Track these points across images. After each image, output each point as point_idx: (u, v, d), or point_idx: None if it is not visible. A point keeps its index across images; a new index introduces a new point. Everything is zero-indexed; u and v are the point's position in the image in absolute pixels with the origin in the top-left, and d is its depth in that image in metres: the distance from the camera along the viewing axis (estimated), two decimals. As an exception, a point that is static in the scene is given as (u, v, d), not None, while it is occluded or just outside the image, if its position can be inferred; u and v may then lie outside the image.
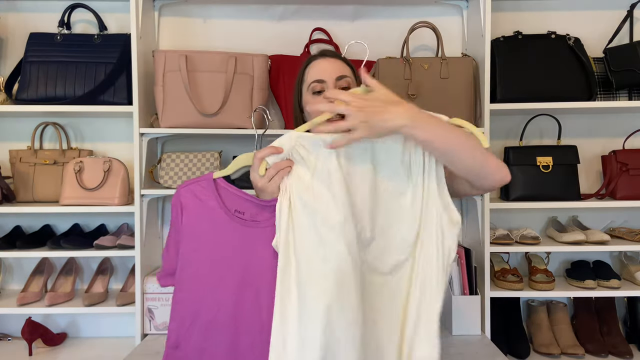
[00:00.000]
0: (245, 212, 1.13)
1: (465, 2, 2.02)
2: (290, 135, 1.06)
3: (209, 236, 1.12)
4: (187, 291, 1.11)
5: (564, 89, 1.85)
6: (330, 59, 1.25)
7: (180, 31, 2.05)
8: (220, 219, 1.13)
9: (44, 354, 1.83)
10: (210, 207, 1.13)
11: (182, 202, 1.14)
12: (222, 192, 1.15)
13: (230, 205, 1.14)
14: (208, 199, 1.14)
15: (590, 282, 1.83)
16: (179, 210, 1.14)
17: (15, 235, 1.94)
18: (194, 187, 1.15)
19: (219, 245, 1.12)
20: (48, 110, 1.82)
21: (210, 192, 1.14)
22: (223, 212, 1.13)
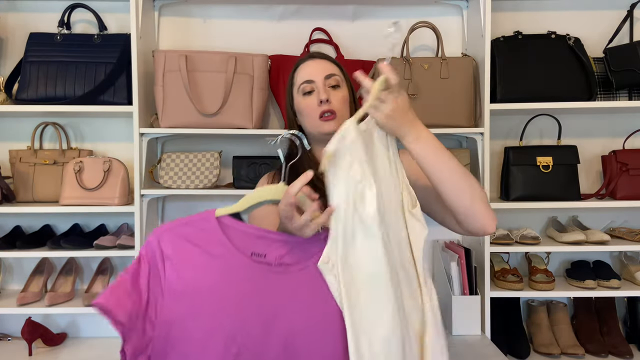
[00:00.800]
0: (268, 254, 0.86)
1: (465, 2, 2.02)
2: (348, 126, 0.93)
3: (214, 293, 0.82)
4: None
5: (564, 89, 1.85)
6: (318, 59, 1.26)
7: (180, 31, 2.05)
8: (233, 267, 0.84)
9: (44, 354, 1.83)
10: (214, 254, 0.84)
11: (165, 251, 0.84)
12: (230, 233, 0.86)
13: (245, 247, 0.86)
14: (210, 245, 0.85)
15: (590, 282, 1.83)
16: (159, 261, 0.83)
17: (15, 235, 1.93)
18: (185, 230, 0.86)
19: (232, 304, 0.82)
20: (48, 110, 1.82)
21: (213, 235, 0.86)
22: (234, 257, 0.84)
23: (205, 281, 0.83)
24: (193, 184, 1.83)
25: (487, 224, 1.00)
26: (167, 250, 0.84)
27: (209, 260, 0.84)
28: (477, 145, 1.84)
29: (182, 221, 0.87)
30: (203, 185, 1.83)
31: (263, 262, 0.86)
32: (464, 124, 1.83)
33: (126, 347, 0.80)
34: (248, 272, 0.85)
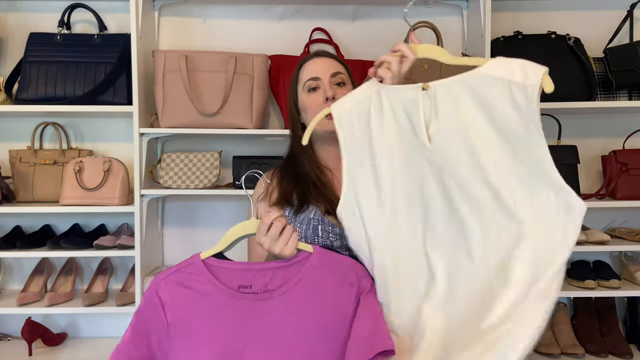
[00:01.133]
0: (253, 284, 0.95)
1: (465, 2, 2.02)
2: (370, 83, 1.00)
3: (209, 329, 0.92)
4: None
5: (564, 89, 1.84)
6: (324, 57, 1.26)
7: (180, 31, 2.05)
8: (221, 302, 0.93)
9: (44, 354, 1.83)
10: (203, 293, 0.94)
11: (163, 298, 0.94)
12: (216, 272, 0.96)
13: (232, 283, 0.95)
14: (200, 285, 0.94)
15: (590, 282, 1.83)
16: (159, 308, 0.93)
17: (15, 235, 1.93)
18: (176, 277, 0.95)
19: (227, 336, 0.92)
20: (48, 110, 1.82)
21: (201, 277, 0.95)
22: (223, 293, 0.93)
23: (200, 318, 0.93)
24: (193, 184, 1.83)
25: None
26: (164, 297, 0.94)
27: (200, 299, 0.94)
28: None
29: (172, 269, 0.97)
30: (203, 185, 1.83)
31: (250, 293, 0.95)
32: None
33: None
34: (236, 304, 0.94)
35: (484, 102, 0.90)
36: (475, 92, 0.91)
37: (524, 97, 0.87)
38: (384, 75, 0.99)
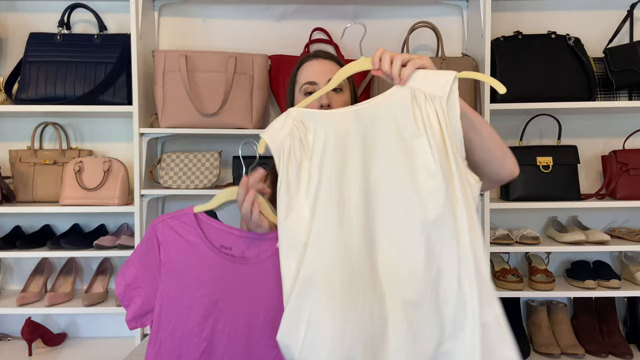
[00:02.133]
0: (233, 248, 1.05)
1: (465, 2, 2.02)
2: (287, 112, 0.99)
3: (192, 274, 1.04)
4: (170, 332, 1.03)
5: (564, 89, 1.85)
6: (323, 60, 1.25)
7: (180, 31, 2.05)
8: (205, 255, 1.04)
9: (44, 354, 1.83)
10: (192, 243, 1.05)
11: (159, 238, 1.05)
12: (204, 227, 1.06)
13: (216, 240, 1.05)
14: (189, 235, 1.05)
15: (591, 282, 1.83)
16: (155, 245, 1.05)
17: (15, 235, 1.93)
18: (171, 222, 1.06)
19: (204, 284, 1.03)
20: (48, 110, 1.82)
21: (191, 228, 1.05)
22: (207, 248, 1.04)
23: (186, 262, 1.04)
24: (193, 184, 1.83)
25: (516, 167, 1.10)
26: (160, 237, 1.06)
27: (188, 246, 1.05)
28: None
29: (169, 215, 1.07)
30: (203, 185, 1.83)
31: (229, 254, 1.04)
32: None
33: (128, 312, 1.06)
34: (218, 261, 1.04)
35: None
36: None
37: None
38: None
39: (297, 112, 0.98)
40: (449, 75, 0.92)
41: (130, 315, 1.06)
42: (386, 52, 0.96)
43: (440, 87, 0.92)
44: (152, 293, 1.05)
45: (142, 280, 1.06)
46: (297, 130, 0.98)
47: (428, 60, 0.95)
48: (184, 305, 1.03)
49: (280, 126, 1.00)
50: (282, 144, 0.99)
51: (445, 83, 0.92)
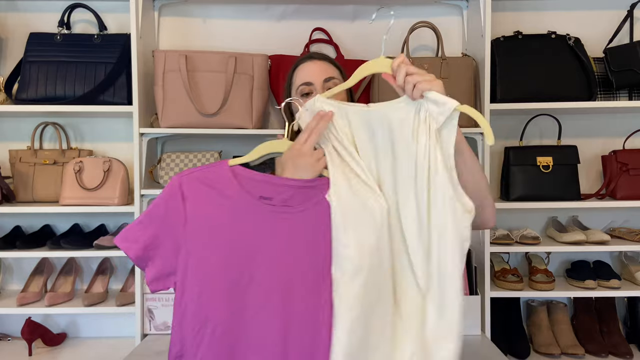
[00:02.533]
0: (274, 197, 0.97)
1: (465, 2, 2.02)
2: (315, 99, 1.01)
3: (225, 229, 0.95)
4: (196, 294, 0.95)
5: (564, 89, 1.84)
6: (318, 61, 1.26)
7: (180, 31, 2.05)
8: (242, 207, 0.96)
9: (44, 354, 1.83)
10: (226, 195, 0.97)
11: (185, 192, 0.97)
12: (241, 179, 0.98)
13: (254, 191, 0.97)
14: (223, 187, 0.97)
15: (591, 282, 1.83)
16: (179, 200, 0.96)
17: (15, 235, 1.93)
18: (200, 174, 0.98)
19: (239, 239, 0.95)
20: (48, 110, 1.82)
21: (225, 179, 0.97)
22: (245, 199, 0.96)
23: (219, 218, 0.96)
24: (193, 184, 1.83)
25: (493, 217, 1.08)
26: (187, 192, 0.97)
27: (221, 200, 0.97)
28: (477, 145, 1.84)
29: (200, 167, 1.00)
30: (203, 185, 1.82)
31: (269, 204, 0.97)
32: (464, 124, 1.77)
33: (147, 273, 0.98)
34: (256, 212, 0.96)
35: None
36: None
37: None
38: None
39: (322, 102, 1.01)
40: (450, 104, 0.94)
41: (150, 276, 0.98)
42: (404, 64, 0.97)
43: (440, 113, 0.94)
44: (172, 253, 0.97)
45: (162, 239, 0.97)
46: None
47: (440, 86, 0.95)
48: (214, 263, 0.95)
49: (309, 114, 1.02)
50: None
51: (444, 110, 0.94)
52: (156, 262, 0.97)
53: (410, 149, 0.96)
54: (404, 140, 0.97)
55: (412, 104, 0.97)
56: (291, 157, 1.00)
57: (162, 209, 0.98)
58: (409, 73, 0.95)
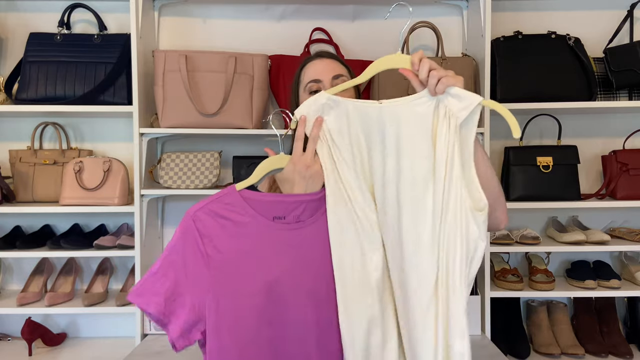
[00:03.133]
0: (287, 216, 0.98)
1: (465, 2, 2.02)
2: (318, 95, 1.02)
3: (248, 257, 0.95)
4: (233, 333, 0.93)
5: (564, 89, 1.84)
6: (326, 59, 1.25)
7: (180, 31, 2.05)
8: (259, 232, 0.96)
9: (44, 354, 1.83)
10: (243, 223, 0.96)
11: (201, 229, 0.94)
12: (252, 203, 0.97)
13: (267, 213, 0.98)
14: (238, 215, 0.96)
15: (591, 282, 1.83)
16: (197, 240, 0.93)
17: (15, 235, 1.93)
18: (213, 207, 0.96)
19: (263, 263, 0.95)
20: (48, 110, 1.82)
21: (237, 207, 0.96)
22: (261, 223, 0.96)
23: (239, 247, 0.95)
24: (193, 184, 1.83)
25: (505, 218, 1.07)
26: (203, 229, 0.95)
27: (239, 229, 0.96)
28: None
29: (209, 199, 0.98)
30: (203, 186, 1.83)
31: (284, 223, 0.98)
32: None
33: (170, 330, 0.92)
34: (274, 234, 0.97)
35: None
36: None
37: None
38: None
39: (327, 99, 1.01)
40: (473, 98, 0.93)
41: (177, 332, 0.91)
42: (426, 60, 0.97)
43: (462, 108, 0.94)
44: (198, 298, 0.92)
45: (184, 287, 0.92)
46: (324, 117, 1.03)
47: (462, 82, 0.95)
48: (244, 293, 0.93)
49: (310, 110, 1.02)
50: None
51: (467, 105, 0.93)
52: (180, 315, 0.91)
53: (428, 145, 0.95)
54: (421, 136, 0.95)
55: (432, 100, 0.96)
56: (297, 171, 1.00)
57: (180, 253, 0.93)
58: (433, 68, 0.95)
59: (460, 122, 0.93)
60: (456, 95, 0.94)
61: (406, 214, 0.96)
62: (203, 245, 0.93)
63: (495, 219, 1.05)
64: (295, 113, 1.03)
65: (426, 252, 0.94)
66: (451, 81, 0.94)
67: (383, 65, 1.03)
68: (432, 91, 0.95)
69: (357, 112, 1.00)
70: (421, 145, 0.96)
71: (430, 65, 0.96)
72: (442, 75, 0.94)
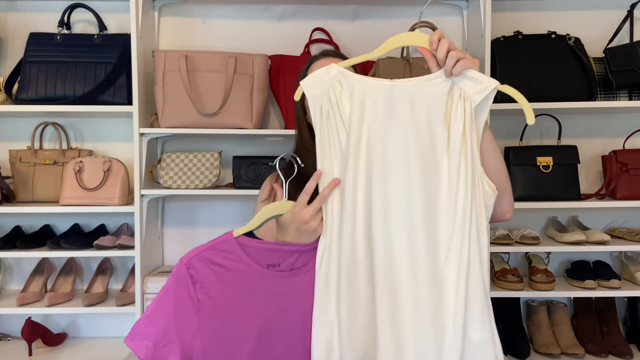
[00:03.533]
0: (282, 263, 0.99)
1: (465, 2, 2.02)
2: (329, 68, 0.99)
3: (240, 305, 0.96)
4: None
5: (564, 89, 1.84)
6: (332, 58, 1.26)
7: (180, 31, 2.05)
8: (253, 280, 0.97)
9: (44, 354, 1.83)
10: (236, 270, 0.97)
11: (194, 276, 0.95)
12: (248, 250, 0.98)
13: (262, 261, 0.99)
14: (232, 263, 0.97)
15: (591, 282, 1.83)
16: (189, 286, 0.95)
17: (15, 235, 1.93)
18: (208, 254, 0.97)
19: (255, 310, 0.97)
20: (48, 110, 1.82)
21: (233, 254, 0.97)
22: (254, 271, 0.97)
23: (232, 295, 0.97)
24: (193, 184, 1.83)
25: (511, 211, 1.07)
26: (196, 275, 0.96)
27: (232, 276, 0.97)
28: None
29: (204, 246, 0.98)
30: (203, 185, 1.83)
31: (278, 271, 0.99)
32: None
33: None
34: (267, 282, 0.98)
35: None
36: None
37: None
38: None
39: (338, 71, 0.99)
40: (489, 82, 0.93)
41: None
42: (445, 38, 0.95)
43: (478, 92, 0.93)
44: (188, 343, 0.94)
45: (174, 333, 0.93)
46: (332, 91, 0.99)
47: (478, 65, 0.95)
48: (233, 340, 0.95)
49: (319, 80, 1.00)
50: (318, 100, 0.99)
51: (483, 89, 0.93)
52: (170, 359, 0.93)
53: (442, 127, 0.93)
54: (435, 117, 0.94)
55: (447, 81, 0.95)
56: (294, 222, 1.00)
57: (172, 298, 0.95)
58: (451, 49, 0.94)
59: (475, 106, 0.93)
60: (472, 78, 0.93)
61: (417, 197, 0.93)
62: (194, 291, 0.95)
63: (502, 208, 1.04)
64: (303, 83, 1.01)
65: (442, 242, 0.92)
66: (469, 64, 0.93)
67: (400, 42, 1.00)
68: (449, 72, 0.94)
69: (366, 89, 0.97)
70: (434, 127, 0.94)
71: (449, 46, 0.94)
72: (461, 57, 0.93)
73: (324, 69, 1.00)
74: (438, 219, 0.92)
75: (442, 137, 0.94)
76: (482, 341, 0.92)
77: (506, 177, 1.04)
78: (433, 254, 0.92)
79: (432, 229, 0.92)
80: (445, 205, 0.92)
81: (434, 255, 0.92)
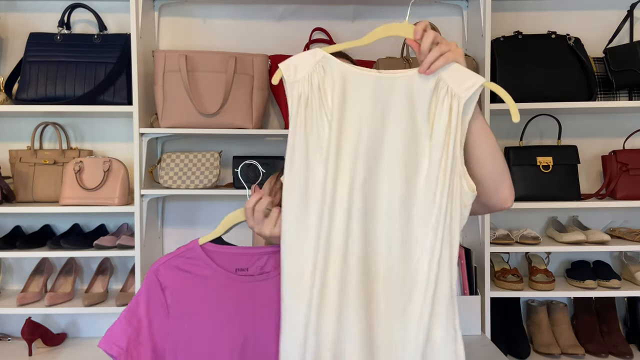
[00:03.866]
0: (250, 267, 1.00)
1: (465, 2, 2.02)
2: (314, 52, 0.95)
3: (209, 310, 0.97)
4: None
5: (564, 89, 1.85)
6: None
7: (180, 31, 2.05)
8: (220, 284, 0.98)
9: (44, 354, 1.83)
10: (203, 276, 0.98)
11: (163, 282, 0.98)
12: (214, 256, 1.00)
13: (229, 266, 1.00)
14: (199, 269, 0.99)
15: (591, 282, 1.83)
16: (159, 290, 0.97)
17: (15, 235, 1.93)
18: (175, 261, 0.99)
19: (224, 316, 0.97)
20: (48, 110, 1.82)
21: (199, 261, 0.99)
22: (221, 276, 0.99)
23: (200, 300, 0.98)
24: (193, 184, 1.83)
25: (511, 198, 1.02)
26: (164, 281, 0.99)
27: (199, 282, 0.99)
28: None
29: (172, 254, 1.01)
30: (203, 185, 1.83)
31: (247, 275, 1.00)
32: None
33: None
34: (235, 286, 0.99)
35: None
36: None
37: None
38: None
39: (323, 56, 0.96)
40: (476, 80, 0.92)
41: None
42: (431, 31, 0.94)
43: (465, 88, 0.92)
44: (160, 345, 0.96)
45: (145, 335, 0.96)
46: (316, 75, 0.95)
47: (462, 56, 0.93)
48: (203, 346, 0.96)
49: (302, 63, 0.96)
50: (298, 85, 0.94)
51: (471, 85, 0.92)
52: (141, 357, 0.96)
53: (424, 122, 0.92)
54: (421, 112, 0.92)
55: (433, 76, 0.93)
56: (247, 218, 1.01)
57: (144, 302, 0.98)
58: (436, 41, 0.92)
59: (462, 103, 0.92)
60: (457, 74, 0.92)
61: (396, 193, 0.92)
62: (164, 296, 0.98)
63: (501, 195, 1.01)
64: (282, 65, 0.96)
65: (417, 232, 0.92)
66: (450, 57, 0.92)
67: (386, 32, 0.99)
68: (428, 63, 0.92)
69: (352, 77, 0.94)
70: (418, 122, 0.93)
71: (434, 38, 0.93)
72: (444, 51, 0.91)
73: (309, 52, 0.95)
74: (414, 218, 0.92)
75: (425, 132, 0.92)
76: (444, 339, 0.92)
77: (502, 163, 1.01)
78: (408, 251, 0.92)
79: (409, 227, 0.92)
80: (422, 204, 0.91)
81: (409, 252, 0.92)
